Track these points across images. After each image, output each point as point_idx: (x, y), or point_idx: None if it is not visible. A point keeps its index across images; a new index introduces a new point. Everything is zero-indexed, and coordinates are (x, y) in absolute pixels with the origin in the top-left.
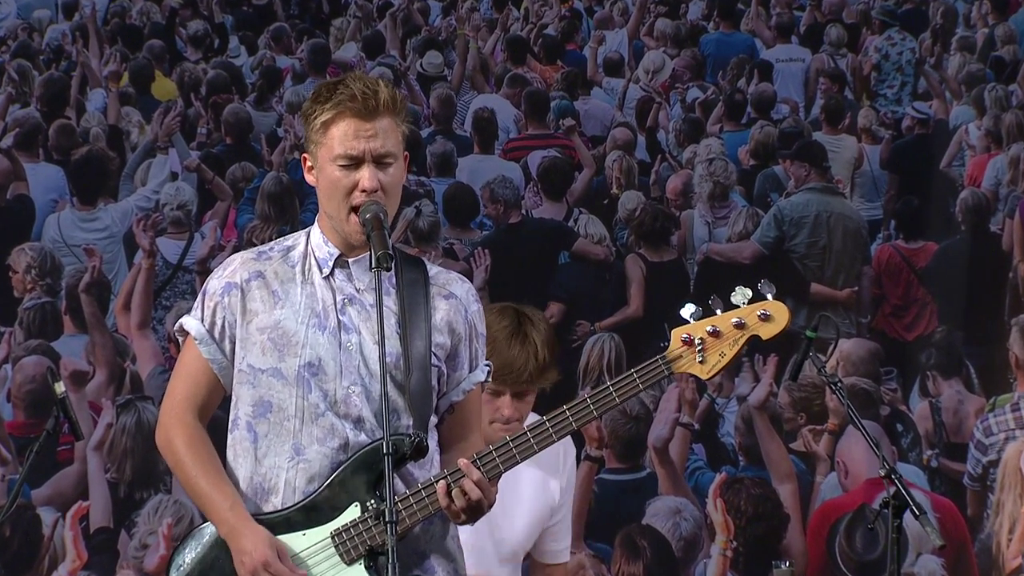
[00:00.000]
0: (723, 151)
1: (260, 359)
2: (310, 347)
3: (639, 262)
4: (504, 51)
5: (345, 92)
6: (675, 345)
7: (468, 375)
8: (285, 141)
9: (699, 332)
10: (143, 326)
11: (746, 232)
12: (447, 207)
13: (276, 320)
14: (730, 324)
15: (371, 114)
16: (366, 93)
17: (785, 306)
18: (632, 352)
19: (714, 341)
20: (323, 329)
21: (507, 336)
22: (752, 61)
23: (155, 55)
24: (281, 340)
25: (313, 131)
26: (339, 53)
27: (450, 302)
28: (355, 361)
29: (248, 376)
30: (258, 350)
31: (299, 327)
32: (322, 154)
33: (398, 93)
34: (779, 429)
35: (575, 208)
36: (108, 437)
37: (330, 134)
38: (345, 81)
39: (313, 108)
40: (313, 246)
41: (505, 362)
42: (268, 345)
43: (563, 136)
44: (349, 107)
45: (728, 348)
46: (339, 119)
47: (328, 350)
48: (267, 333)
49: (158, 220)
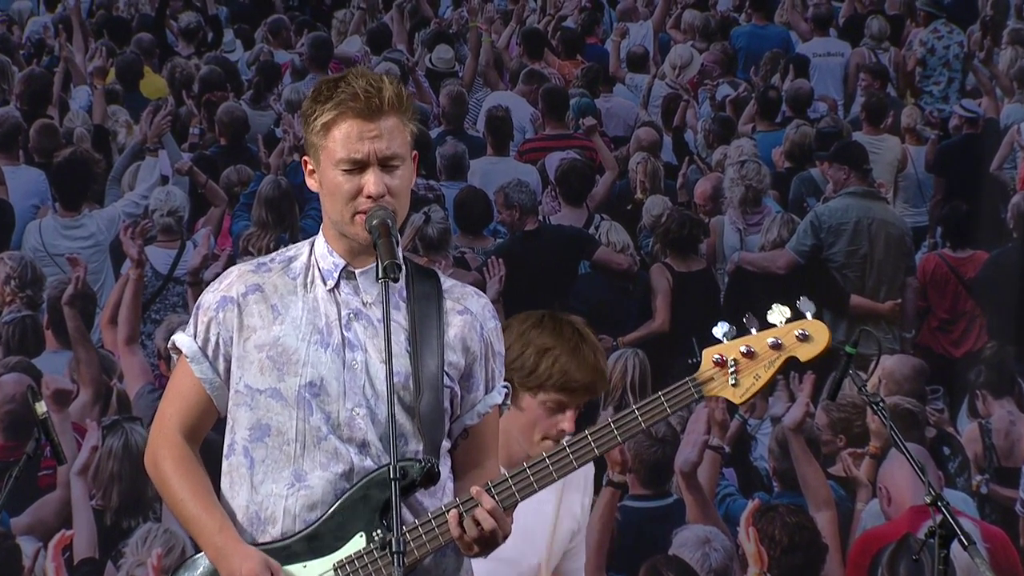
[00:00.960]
0: (756, 153)
1: (258, 379)
2: (312, 366)
3: (665, 272)
4: (520, 45)
5: (347, 90)
6: (706, 366)
7: (483, 397)
8: (284, 142)
9: (732, 353)
10: (131, 341)
11: (780, 240)
12: (458, 213)
13: (275, 337)
14: (766, 344)
15: (375, 113)
16: (369, 91)
17: (826, 326)
18: (657, 369)
19: (748, 362)
20: (326, 346)
21: (574, 347)
22: (787, 56)
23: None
24: (281, 358)
25: (313, 133)
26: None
27: (465, 318)
28: (360, 381)
29: (245, 397)
30: (256, 369)
31: (300, 344)
32: (324, 157)
33: (404, 90)
34: (816, 452)
35: (596, 214)
36: (93, 461)
37: (331, 136)
38: (347, 78)
39: (313, 108)
40: (317, 256)
41: (578, 373)
42: (267, 364)
43: (583, 136)
44: (351, 106)
45: (763, 370)
46: (341, 120)
47: (331, 369)
48: (266, 351)
49: (147, 227)
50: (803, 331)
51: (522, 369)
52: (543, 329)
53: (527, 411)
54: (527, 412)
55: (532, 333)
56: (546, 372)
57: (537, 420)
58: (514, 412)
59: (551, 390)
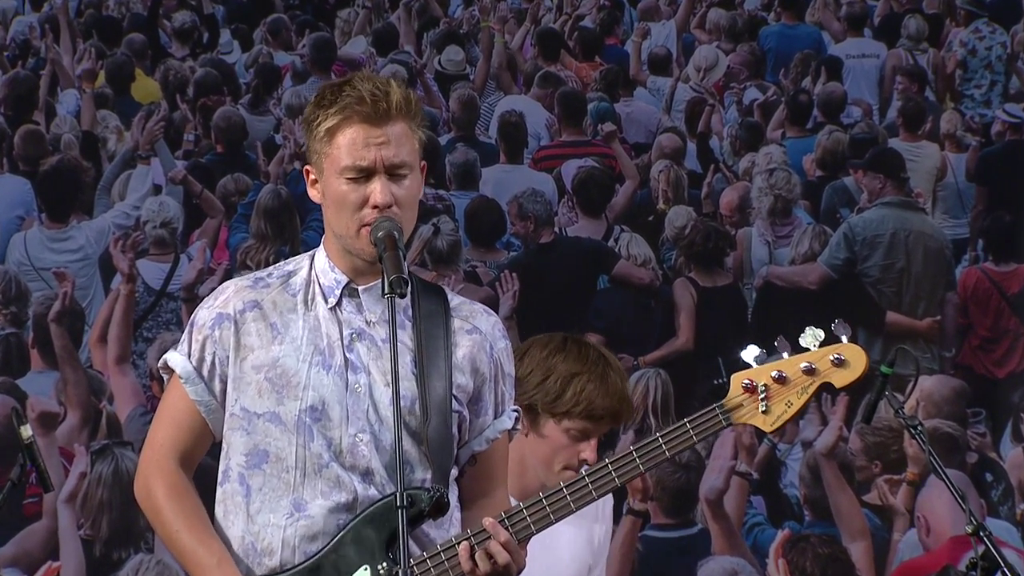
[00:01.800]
0: (785, 160)
1: (255, 402)
2: (313, 389)
3: (689, 287)
4: (534, 46)
5: (352, 94)
6: (735, 392)
7: (493, 422)
8: (284, 149)
9: (763, 378)
10: (121, 361)
11: (812, 253)
12: (469, 224)
13: (274, 357)
14: (799, 369)
15: (382, 119)
16: (376, 95)
17: (863, 350)
18: (681, 390)
19: (780, 388)
20: (328, 368)
21: (601, 373)
22: (819, 57)
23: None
24: (280, 380)
25: (316, 140)
26: (346, 48)
27: (474, 338)
28: (364, 405)
29: (241, 421)
30: (253, 391)
31: (300, 366)
32: (327, 166)
33: (412, 94)
34: (850, 479)
35: (616, 226)
36: (81, 488)
37: (336, 143)
38: (352, 82)
39: (316, 113)
40: (318, 272)
41: (605, 401)
42: (265, 386)
43: (602, 143)
44: (357, 111)
45: (796, 397)
46: (346, 125)
47: (333, 392)
48: (264, 372)
49: (139, 240)
50: (838, 355)
51: (547, 395)
52: (567, 354)
53: (549, 439)
54: (549, 440)
55: (556, 358)
56: (573, 399)
57: (559, 449)
58: (534, 440)
59: (577, 417)
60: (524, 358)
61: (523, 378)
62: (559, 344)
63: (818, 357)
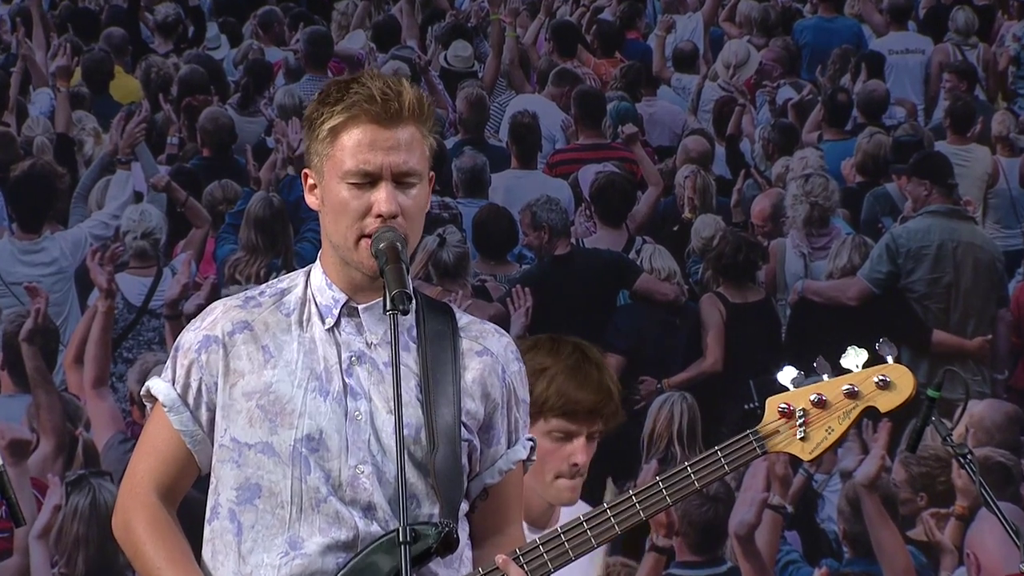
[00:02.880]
0: (822, 165)
1: (246, 431)
2: (309, 417)
3: (718, 304)
4: (549, 40)
5: (361, 92)
6: (770, 417)
7: (506, 452)
8: (277, 153)
9: (801, 402)
10: (99, 384)
11: (851, 266)
12: (478, 235)
13: (267, 383)
14: (840, 392)
15: (392, 120)
16: (387, 94)
17: (910, 372)
18: (709, 416)
19: (819, 413)
20: (325, 394)
21: (574, 364)
22: (859, 53)
23: (115, 46)
24: (273, 408)
25: (318, 140)
26: (343, 44)
27: (484, 360)
28: (364, 435)
29: (231, 453)
30: (244, 420)
31: (295, 392)
32: (328, 169)
33: (425, 97)
34: (894, 513)
35: (637, 236)
36: (56, 522)
37: (340, 143)
38: (361, 79)
39: (319, 111)
40: (314, 290)
41: (580, 393)
42: (257, 414)
43: (622, 146)
44: (366, 110)
45: (837, 422)
46: (352, 125)
47: (331, 421)
48: (256, 399)
49: (118, 252)
50: (884, 377)
51: None
52: (539, 350)
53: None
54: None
55: (527, 356)
56: (542, 395)
57: (545, 457)
58: None
59: (551, 416)
60: None
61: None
62: (532, 343)
63: (861, 379)
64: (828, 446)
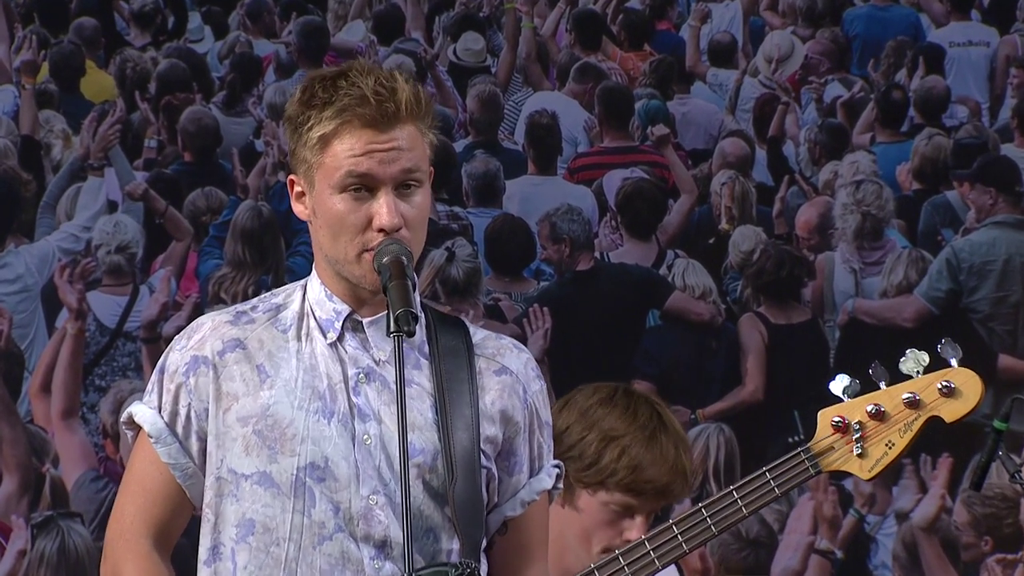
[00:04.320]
0: (875, 171)
1: (243, 461)
2: (312, 442)
3: (758, 325)
4: (570, 32)
5: (351, 93)
6: (823, 432)
7: (528, 481)
8: (266, 158)
9: (857, 414)
10: (69, 415)
11: (907, 284)
12: (491, 249)
13: (263, 405)
14: (900, 402)
15: (389, 122)
16: (380, 93)
17: (977, 376)
18: (748, 450)
19: (878, 426)
20: (330, 416)
21: (651, 435)
22: (916, 45)
23: (86, 39)
24: (271, 433)
25: (306, 147)
26: (341, 36)
27: (503, 379)
28: (375, 460)
29: (231, 485)
30: (240, 448)
31: (296, 414)
32: (320, 178)
33: (422, 90)
34: (955, 558)
35: (669, 250)
36: (21, 569)
37: (332, 151)
38: (348, 75)
39: (305, 114)
40: (312, 303)
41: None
42: (253, 441)
43: (652, 150)
44: (359, 114)
45: (898, 435)
46: (344, 130)
47: (338, 446)
48: (251, 424)
49: (90, 268)
50: (947, 383)
51: (580, 459)
52: (613, 408)
53: (584, 513)
54: (584, 515)
55: (598, 413)
56: (610, 466)
57: (596, 527)
58: (569, 512)
59: (615, 489)
60: (564, 410)
61: (558, 436)
62: (606, 395)
63: (923, 386)
64: (889, 462)
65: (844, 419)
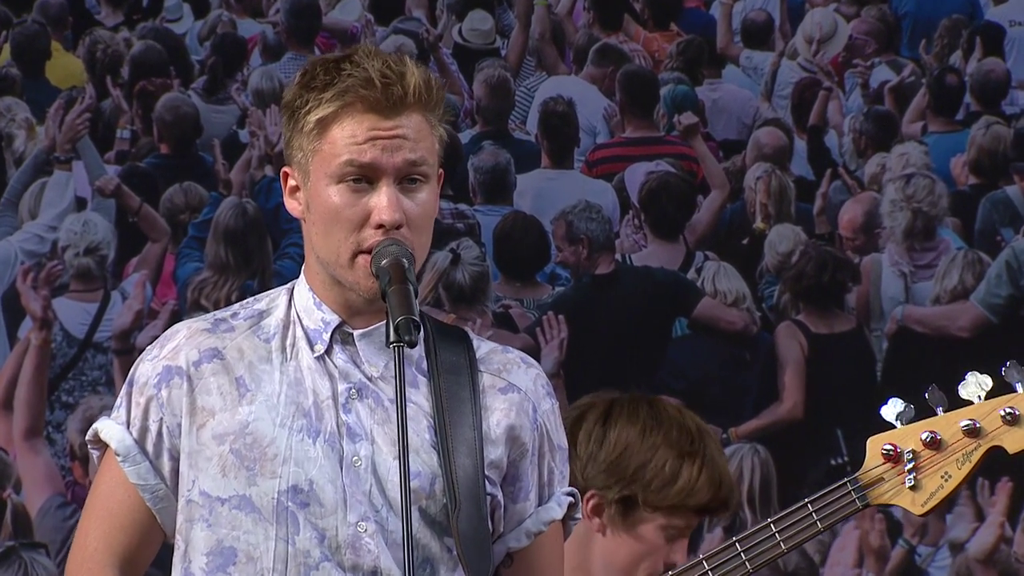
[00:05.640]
0: (927, 163)
1: (218, 483)
2: (295, 463)
3: (797, 335)
4: (589, 10)
5: (356, 74)
6: (873, 461)
7: (536, 510)
8: (252, 150)
9: (910, 442)
10: (32, 435)
11: (963, 288)
12: (500, 250)
13: (242, 422)
14: (958, 429)
15: (395, 108)
16: (387, 76)
17: None
18: (787, 474)
19: (933, 456)
20: (315, 435)
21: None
22: (973, 24)
23: (51, 18)
24: (251, 453)
25: (302, 132)
26: (334, 14)
27: (510, 397)
28: (365, 485)
29: (202, 510)
30: (215, 469)
31: (278, 432)
32: (316, 167)
33: (434, 78)
34: None
35: (698, 251)
36: None
37: (330, 137)
38: (353, 58)
39: (303, 97)
40: (299, 310)
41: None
42: (231, 461)
43: (679, 140)
44: (363, 97)
45: (955, 467)
46: (345, 114)
47: (324, 468)
48: (229, 443)
49: (56, 271)
50: (1011, 409)
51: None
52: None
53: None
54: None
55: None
56: (687, 486)
57: (650, 552)
58: (617, 540)
59: (684, 512)
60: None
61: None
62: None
63: (984, 412)
64: (944, 496)
65: (896, 447)
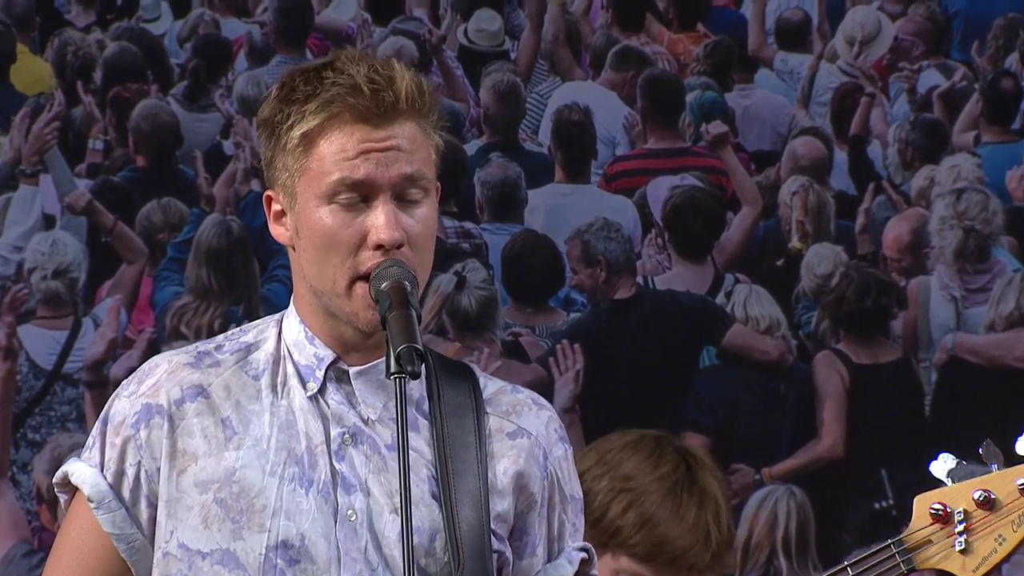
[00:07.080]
0: (980, 177)
1: (199, 535)
2: (286, 516)
3: (838, 365)
4: (607, 9)
5: (340, 81)
6: (920, 522)
7: (544, 567)
8: (237, 162)
9: (961, 501)
10: None
11: (1020, 315)
12: (509, 273)
13: (228, 469)
14: (1015, 488)
15: (387, 117)
16: (375, 82)
17: None
18: (825, 518)
19: (986, 516)
20: (307, 485)
21: (671, 488)
22: None
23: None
24: (237, 503)
25: (286, 150)
26: (327, 13)
27: (519, 443)
28: (360, 541)
29: (180, 564)
30: (197, 519)
31: (267, 481)
32: (303, 188)
33: (425, 82)
34: None
35: (728, 274)
36: None
37: (318, 153)
38: (335, 64)
39: (284, 112)
40: (289, 345)
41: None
42: (214, 511)
43: (707, 151)
44: (350, 106)
45: (1010, 529)
46: (332, 126)
47: (316, 521)
48: (213, 491)
49: (21, 296)
50: None
51: (591, 514)
52: (634, 453)
53: None
54: None
55: (616, 458)
56: (614, 522)
57: None
58: None
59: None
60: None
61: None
62: (632, 440)
63: None
64: (998, 560)
65: (946, 507)
